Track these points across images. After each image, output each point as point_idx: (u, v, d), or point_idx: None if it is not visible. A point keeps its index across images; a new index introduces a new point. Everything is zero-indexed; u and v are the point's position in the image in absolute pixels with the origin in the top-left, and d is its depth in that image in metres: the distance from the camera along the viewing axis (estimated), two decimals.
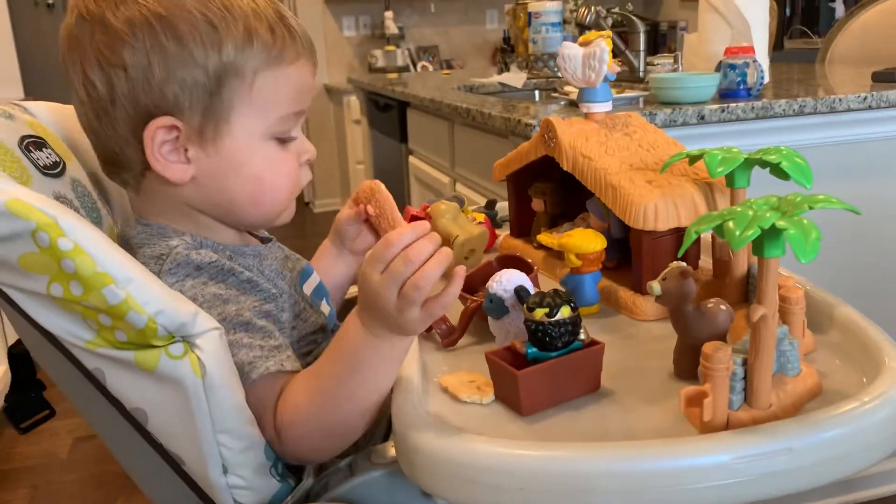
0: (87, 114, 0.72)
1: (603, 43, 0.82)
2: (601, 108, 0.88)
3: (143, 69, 0.68)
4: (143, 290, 0.62)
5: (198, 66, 0.69)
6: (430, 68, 4.99)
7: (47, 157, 0.77)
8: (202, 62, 0.69)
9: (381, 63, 4.87)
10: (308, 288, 0.82)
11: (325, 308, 0.83)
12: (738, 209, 0.54)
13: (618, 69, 0.84)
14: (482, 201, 1.27)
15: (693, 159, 0.78)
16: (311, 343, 0.79)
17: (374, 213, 0.81)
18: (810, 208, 0.53)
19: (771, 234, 0.52)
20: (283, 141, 0.75)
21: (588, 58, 0.84)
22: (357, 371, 0.65)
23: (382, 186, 0.81)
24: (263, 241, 0.83)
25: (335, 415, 0.67)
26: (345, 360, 0.66)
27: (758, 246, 0.53)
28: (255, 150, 0.73)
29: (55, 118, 0.84)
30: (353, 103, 4.43)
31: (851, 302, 0.71)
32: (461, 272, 0.63)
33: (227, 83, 0.70)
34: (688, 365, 0.65)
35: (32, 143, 0.77)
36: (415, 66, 5.01)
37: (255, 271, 0.74)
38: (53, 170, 0.77)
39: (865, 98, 1.54)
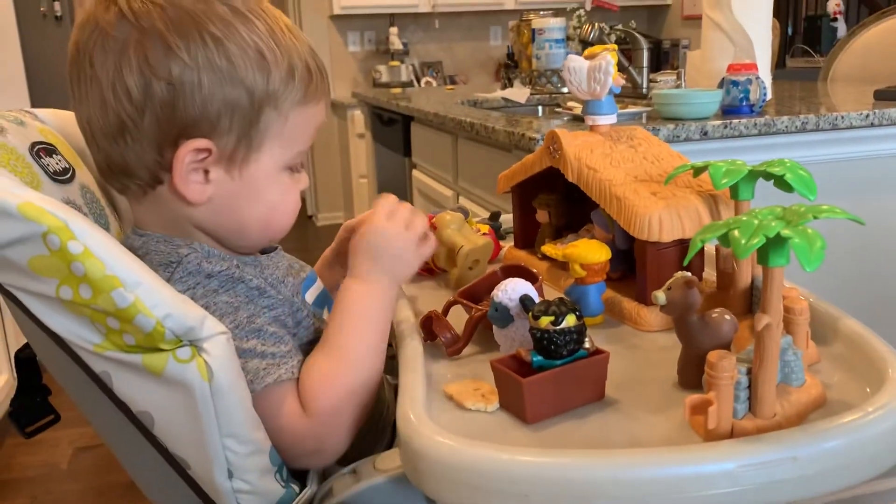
0: (106, 116, 0.70)
1: (608, 56, 0.83)
2: (606, 120, 0.88)
3: (191, 84, 0.68)
4: (151, 294, 0.62)
5: (245, 88, 0.70)
6: (434, 84, 5.02)
7: (57, 164, 0.78)
8: (249, 84, 0.70)
9: (385, 78, 4.90)
10: (311, 296, 0.82)
11: (328, 316, 0.83)
12: (744, 218, 0.54)
13: (622, 82, 0.85)
14: (485, 215, 1.28)
15: (697, 171, 0.79)
16: (311, 350, 0.79)
17: None
18: (815, 218, 0.53)
19: (776, 243, 0.52)
20: (293, 171, 0.77)
21: (594, 70, 0.85)
22: (369, 321, 0.75)
23: None
24: (266, 251, 0.83)
25: (361, 370, 0.73)
26: (356, 316, 0.75)
27: (763, 255, 0.53)
28: (274, 180, 0.75)
29: (65, 125, 0.84)
30: (357, 117, 4.45)
31: (856, 315, 0.72)
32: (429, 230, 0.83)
33: (266, 112, 0.72)
34: (692, 375, 0.65)
35: (43, 150, 0.78)
36: (419, 81, 5.04)
37: (259, 279, 0.75)
38: (63, 176, 0.78)
39: (867, 115, 1.55)
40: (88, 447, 2.25)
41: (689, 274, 0.65)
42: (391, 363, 0.84)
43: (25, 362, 0.80)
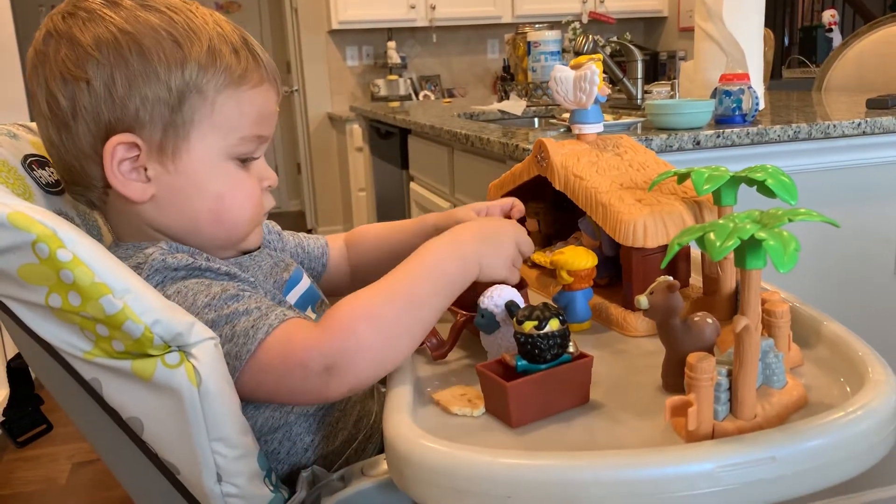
0: (49, 129, 0.74)
1: (593, 66, 0.84)
2: (592, 129, 0.89)
3: (107, 83, 0.70)
4: (139, 300, 0.63)
5: (160, 82, 0.71)
6: (433, 97, 5.04)
7: (49, 176, 0.79)
8: (165, 78, 0.71)
9: (383, 92, 4.93)
10: (294, 296, 0.82)
11: (311, 315, 0.84)
12: (720, 222, 0.55)
13: (608, 91, 0.86)
14: None
15: (681, 178, 0.80)
16: None
17: None
18: (790, 221, 0.54)
19: (751, 246, 0.53)
20: (243, 162, 0.77)
21: (579, 80, 0.86)
22: (431, 273, 0.71)
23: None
24: (249, 252, 0.82)
25: (395, 301, 0.69)
26: (421, 264, 0.72)
27: (739, 258, 0.54)
28: (214, 169, 0.75)
29: None
30: (356, 131, 4.47)
31: (847, 322, 0.72)
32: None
33: (189, 100, 0.72)
34: (676, 379, 0.66)
35: (35, 162, 0.79)
36: (417, 95, 5.07)
37: (232, 269, 0.74)
38: (55, 188, 0.79)
39: (860, 124, 1.56)
40: (87, 462, 2.25)
41: (671, 278, 0.66)
42: None
43: (18, 372, 0.80)
